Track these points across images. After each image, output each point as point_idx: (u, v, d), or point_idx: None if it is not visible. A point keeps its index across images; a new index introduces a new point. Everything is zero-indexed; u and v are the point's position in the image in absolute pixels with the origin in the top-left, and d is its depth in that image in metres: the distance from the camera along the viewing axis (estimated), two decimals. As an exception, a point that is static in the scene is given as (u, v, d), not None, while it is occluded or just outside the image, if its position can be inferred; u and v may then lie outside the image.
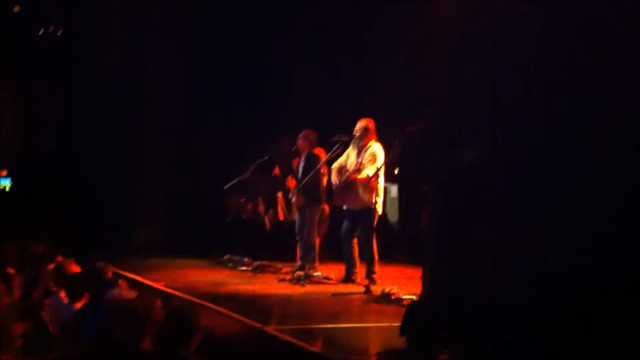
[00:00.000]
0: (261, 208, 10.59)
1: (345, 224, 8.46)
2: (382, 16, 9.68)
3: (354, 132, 8.32)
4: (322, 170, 8.79)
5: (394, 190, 11.01)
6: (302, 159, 8.94)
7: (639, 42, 4.13)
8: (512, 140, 4.57)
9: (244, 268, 9.43)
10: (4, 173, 11.80)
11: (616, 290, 3.95)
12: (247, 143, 10.79)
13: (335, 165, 8.51)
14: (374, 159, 8.13)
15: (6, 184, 11.81)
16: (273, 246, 10.02)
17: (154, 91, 11.24)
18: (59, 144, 11.32)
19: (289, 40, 10.85)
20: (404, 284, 7.80)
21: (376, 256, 8.12)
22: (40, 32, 11.15)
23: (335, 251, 8.95)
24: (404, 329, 5.07)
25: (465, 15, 5.10)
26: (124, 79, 11.19)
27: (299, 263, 8.80)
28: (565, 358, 4.02)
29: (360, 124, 8.30)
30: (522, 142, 4.53)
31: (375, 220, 8.11)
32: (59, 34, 11.19)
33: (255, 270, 9.21)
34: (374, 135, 8.29)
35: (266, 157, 9.97)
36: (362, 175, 8.11)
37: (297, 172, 8.99)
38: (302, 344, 5.32)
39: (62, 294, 5.70)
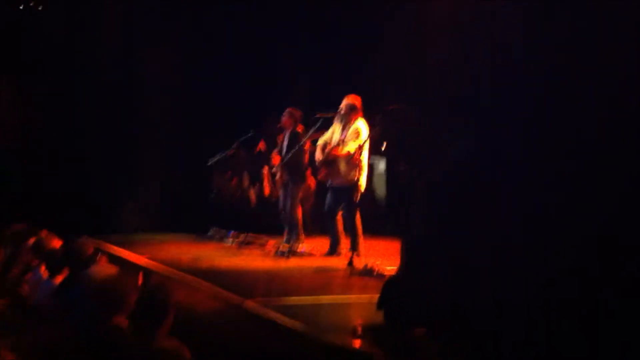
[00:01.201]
0: (246, 183, 10.58)
1: (328, 199, 8.50)
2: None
3: (339, 109, 8.32)
4: (305, 147, 8.81)
5: (381, 165, 10.99)
6: (286, 136, 8.97)
7: (639, 42, 4.09)
8: (512, 139, 4.54)
9: (229, 242, 9.44)
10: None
11: (617, 290, 3.94)
12: (231, 119, 10.74)
13: (320, 141, 8.53)
14: (357, 135, 8.15)
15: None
16: (258, 221, 10.02)
17: (141, 69, 11.18)
18: (44, 121, 11.24)
19: (274, 20, 10.78)
20: (388, 258, 7.81)
21: (360, 231, 8.18)
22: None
23: (321, 226, 8.97)
24: (380, 303, 5.09)
25: (464, 12, 5.04)
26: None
27: (284, 238, 8.84)
28: (565, 358, 4.03)
29: (346, 101, 8.31)
30: (522, 141, 4.50)
31: (358, 196, 8.14)
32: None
33: (240, 245, 9.24)
34: (360, 113, 8.31)
35: (250, 133, 9.95)
36: (344, 150, 8.13)
37: (282, 149, 9.00)
38: (281, 318, 5.34)
39: (42, 269, 5.68)
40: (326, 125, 8.60)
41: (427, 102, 5.42)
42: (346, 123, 8.28)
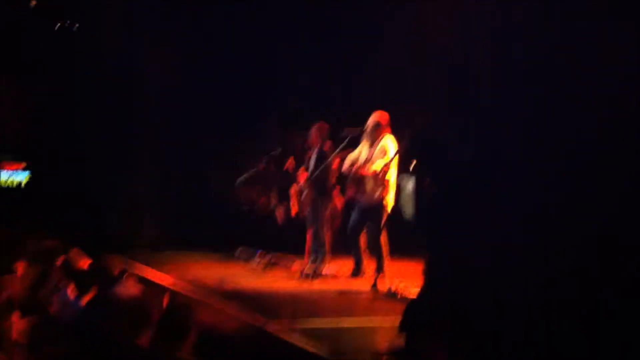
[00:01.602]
0: (274, 201, 10.60)
1: (353, 218, 8.43)
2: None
3: (366, 126, 8.29)
4: (333, 165, 8.78)
5: (409, 184, 10.95)
6: (314, 152, 8.93)
7: (639, 42, 4.08)
8: (512, 139, 4.55)
9: (255, 262, 9.46)
10: (21, 166, 11.88)
11: (617, 290, 3.92)
12: (256, 136, 10.79)
13: (348, 159, 8.49)
14: (384, 153, 8.10)
15: (22, 178, 11.90)
16: (285, 241, 10.03)
17: (157, 89, 11.28)
18: (72, 140, 11.39)
19: (291, 32, 10.82)
20: (413, 279, 7.77)
21: (385, 252, 8.11)
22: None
23: (347, 247, 8.96)
24: (403, 326, 5.08)
25: (467, 13, 5.06)
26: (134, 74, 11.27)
27: (310, 258, 8.83)
28: (565, 358, 4.01)
29: (372, 118, 8.26)
30: (522, 141, 4.50)
31: (385, 217, 8.11)
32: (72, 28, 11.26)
33: (266, 266, 9.25)
34: (388, 129, 8.24)
35: (278, 150, 9.97)
36: (371, 169, 8.10)
37: (309, 166, 8.98)
38: (301, 344, 5.35)
39: (70, 289, 5.76)
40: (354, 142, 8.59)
41: (427, 104, 5.41)
42: (373, 141, 8.22)
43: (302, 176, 9.06)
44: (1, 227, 8.00)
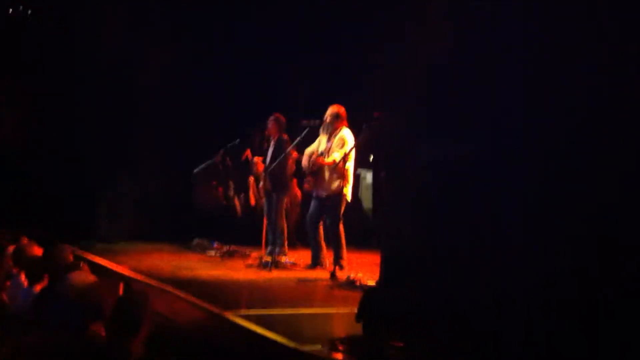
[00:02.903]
0: (231, 192, 10.54)
1: (311, 209, 8.47)
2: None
3: (325, 118, 8.32)
4: (291, 156, 8.78)
5: (369, 176, 10.99)
6: (272, 143, 8.92)
7: (639, 41, 4.09)
8: (512, 138, 4.54)
9: (212, 253, 9.40)
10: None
11: (617, 290, 3.93)
12: (215, 127, 10.72)
13: (307, 150, 8.50)
14: (342, 144, 8.15)
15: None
16: (243, 231, 9.98)
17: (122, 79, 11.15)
18: (26, 132, 11.18)
19: (263, 30, 10.81)
20: (371, 270, 7.81)
21: (343, 242, 8.15)
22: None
23: (306, 237, 8.95)
24: (360, 315, 5.08)
25: (462, 11, 5.02)
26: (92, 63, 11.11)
27: (268, 248, 8.81)
28: (565, 358, 4.01)
29: (331, 110, 8.31)
30: (522, 140, 4.49)
31: (343, 207, 8.14)
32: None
33: (223, 256, 9.19)
34: (345, 122, 8.31)
35: (237, 141, 9.92)
36: (329, 159, 8.13)
37: (266, 157, 8.97)
38: (260, 330, 5.32)
39: (22, 277, 5.65)
40: (312, 134, 8.60)
41: (414, 105, 5.37)
42: (331, 132, 8.27)
43: (260, 167, 9.04)
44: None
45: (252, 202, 10.09)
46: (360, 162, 8.77)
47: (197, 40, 11.08)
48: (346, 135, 8.19)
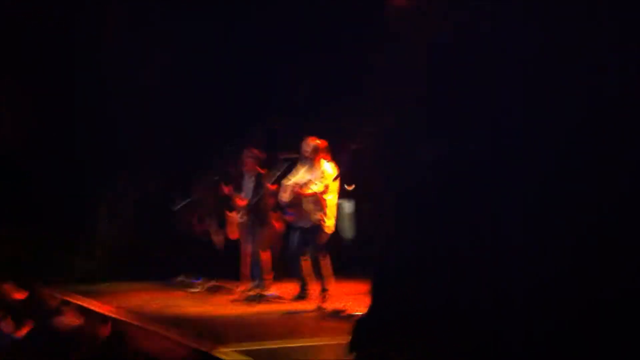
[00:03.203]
0: (212, 228, 10.50)
1: (294, 241, 8.45)
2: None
3: (304, 151, 8.35)
4: (271, 189, 8.79)
5: (348, 206, 11.02)
6: (250, 178, 8.92)
7: (638, 41, 4.11)
8: (512, 138, 4.53)
9: (197, 289, 9.33)
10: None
11: (617, 290, 3.92)
12: (195, 162, 10.70)
13: (285, 182, 8.52)
14: (323, 175, 8.18)
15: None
16: (226, 266, 9.92)
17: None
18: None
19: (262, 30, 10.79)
20: (357, 299, 7.78)
21: (328, 272, 8.16)
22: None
23: (290, 269, 8.93)
24: (352, 346, 5.05)
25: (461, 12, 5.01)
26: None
27: (253, 283, 8.77)
28: (565, 358, 4.00)
29: (310, 144, 8.32)
30: (522, 140, 4.50)
31: (326, 238, 8.16)
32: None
33: (209, 291, 9.13)
34: (324, 154, 8.34)
35: (216, 178, 9.91)
36: (309, 191, 8.15)
37: (244, 192, 8.96)
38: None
39: (6, 321, 5.59)
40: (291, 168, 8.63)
41: (406, 105, 5.34)
42: (312, 165, 8.30)
43: (240, 202, 9.03)
44: None
45: (234, 236, 10.04)
46: (339, 192, 8.76)
47: (197, 40, 11.04)
48: (327, 167, 8.24)
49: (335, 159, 8.29)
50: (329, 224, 8.20)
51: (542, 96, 4.37)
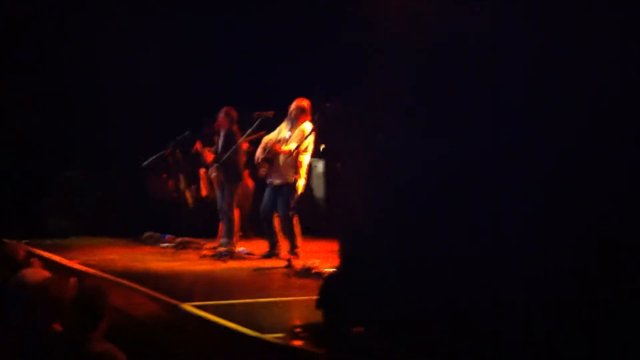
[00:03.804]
0: (183, 185, 10.46)
1: (265, 199, 8.47)
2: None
3: (290, 111, 8.32)
4: (243, 147, 8.77)
5: (320, 166, 11.04)
6: (222, 135, 8.90)
7: (639, 41, 4.11)
8: (512, 138, 4.53)
9: (165, 245, 9.31)
10: None
11: (617, 290, 3.95)
12: (166, 120, 10.62)
13: (265, 139, 8.50)
14: (302, 135, 8.16)
15: None
16: (196, 223, 9.93)
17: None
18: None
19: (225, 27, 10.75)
20: (326, 258, 7.83)
21: (297, 231, 8.19)
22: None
23: (260, 227, 8.94)
24: (320, 303, 5.09)
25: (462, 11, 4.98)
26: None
27: (221, 240, 8.77)
28: (565, 358, 4.04)
29: (296, 103, 8.33)
30: (522, 140, 4.49)
31: (295, 197, 8.16)
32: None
33: (177, 247, 9.12)
34: (309, 116, 8.32)
35: (186, 133, 9.85)
36: (286, 147, 8.14)
37: (217, 148, 8.94)
38: (218, 319, 5.29)
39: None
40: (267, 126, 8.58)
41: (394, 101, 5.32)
42: (294, 125, 8.29)
43: (209, 156, 9.00)
44: None
45: (204, 193, 10.02)
46: (314, 153, 8.77)
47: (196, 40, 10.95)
48: (307, 127, 8.22)
49: (311, 118, 8.26)
50: (301, 183, 8.21)
51: (542, 96, 4.36)
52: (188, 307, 5.73)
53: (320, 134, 8.49)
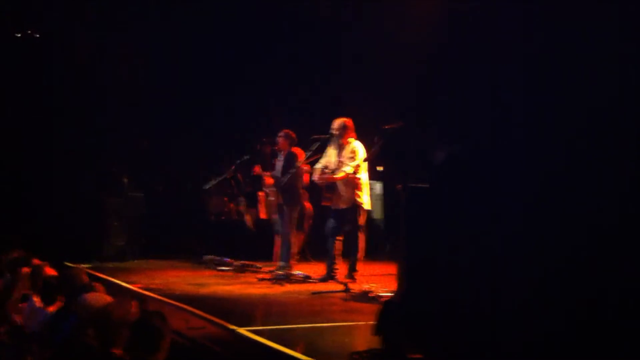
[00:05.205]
0: (243, 207, 10.55)
1: (330, 222, 8.44)
2: (362, 16, 9.72)
3: (332, 131, 8.34)
4: (302, 169, 8.79)
5: (378, 187, 10.99)
6: (282, 157, 8.95)
7: (638, 41, 4.08)
8: (512, 137, 4.52)
9: (224, 268, 9.39)
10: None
11: (617, 290, 3.90)
12: (226, 143, 10.75)
13: (318, 165, 8.52)
14: (353, 155, 8.17)
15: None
16: (255, 246, 9.98)
17: (121, 91, 11.18)
18: (30, 147, 11.16)
19: (267, 40, 10.85)
20: (383, 281, 7.80)
21: (361, 254, 8.17)
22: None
23: (318, 250, 8.94)
24: (378, 328, 5.05)
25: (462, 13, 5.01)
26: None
27: (280, 263, 8.80)
28: (566, 358, 3.98)
29: (338, 122, 8.33)
30: (522, 140, 4.48)
31: (363, 217, 8.16)
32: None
33: (236, 271, 9.18)
34: (353, 133, 8.33)
35: (247, 157, 9.95)
36: (341, 174, 8.14)
37: (276, 171, 8.98)
38: (276, 345, 5.29)
39: (37, 298, 5.66)
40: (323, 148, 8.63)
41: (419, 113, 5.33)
42: (340, 144, 8.28)
43: (268, 180, 9.06)
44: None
45: (263, 216, 10.09)
46: (369, 174, 8.77)
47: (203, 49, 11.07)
48: (357, 146, 8.21)
49: (365, 137, 8.24)
50: (365, 200, 8.21)
51: (542, 96, 4.33)
52: (245, 331, 5.75)
53: (379, 156, 8.48)
